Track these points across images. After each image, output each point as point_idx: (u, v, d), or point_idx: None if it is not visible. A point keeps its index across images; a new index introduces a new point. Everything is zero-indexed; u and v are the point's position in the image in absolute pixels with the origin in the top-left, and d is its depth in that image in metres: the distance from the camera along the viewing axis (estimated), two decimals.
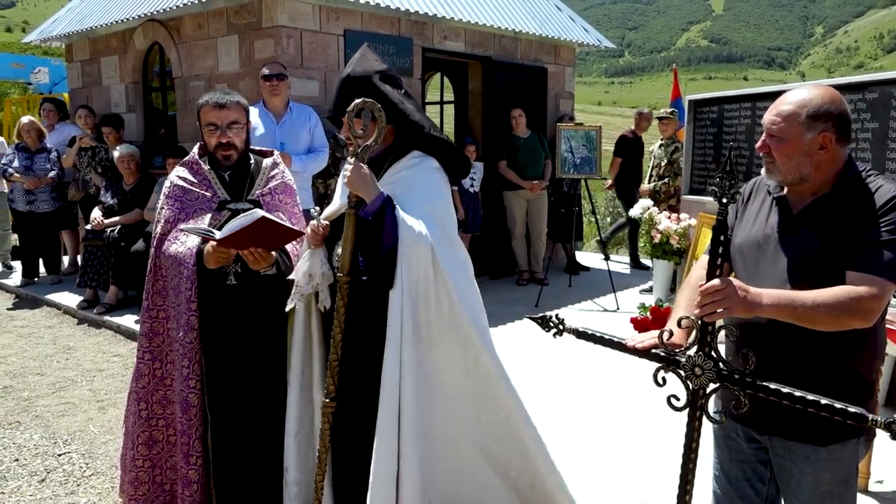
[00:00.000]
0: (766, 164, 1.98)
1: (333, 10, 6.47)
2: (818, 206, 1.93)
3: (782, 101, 1.94)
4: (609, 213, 12.13)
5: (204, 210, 2.77)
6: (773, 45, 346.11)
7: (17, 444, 4.04)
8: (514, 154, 7.62)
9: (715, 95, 6.28)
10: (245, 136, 2.82)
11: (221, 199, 2.78)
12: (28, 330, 6.36)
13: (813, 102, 1.88)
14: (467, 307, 2.48)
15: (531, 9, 8.57)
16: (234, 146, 2.76)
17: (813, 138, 1.88)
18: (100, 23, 7.75)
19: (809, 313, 1.78)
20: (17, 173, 7.44)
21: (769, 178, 2.01)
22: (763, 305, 1.78)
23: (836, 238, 1.88)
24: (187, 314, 2.69)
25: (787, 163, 1.92)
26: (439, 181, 2.56)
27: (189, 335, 2.70)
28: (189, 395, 2.73)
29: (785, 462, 2.02)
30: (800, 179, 1.93)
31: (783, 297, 1.80)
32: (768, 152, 1.95)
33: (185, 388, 2.73)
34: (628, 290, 7.47)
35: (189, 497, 2.78)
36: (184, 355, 2.72)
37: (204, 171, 2.82)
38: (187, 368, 2.71)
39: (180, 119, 7.27)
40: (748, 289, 1.78)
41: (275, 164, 2.93)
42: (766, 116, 1.96)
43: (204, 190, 2.80)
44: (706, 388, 1.81)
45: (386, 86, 2.47)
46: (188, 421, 2.74)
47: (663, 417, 3.98)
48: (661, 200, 7.25)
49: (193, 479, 2.77)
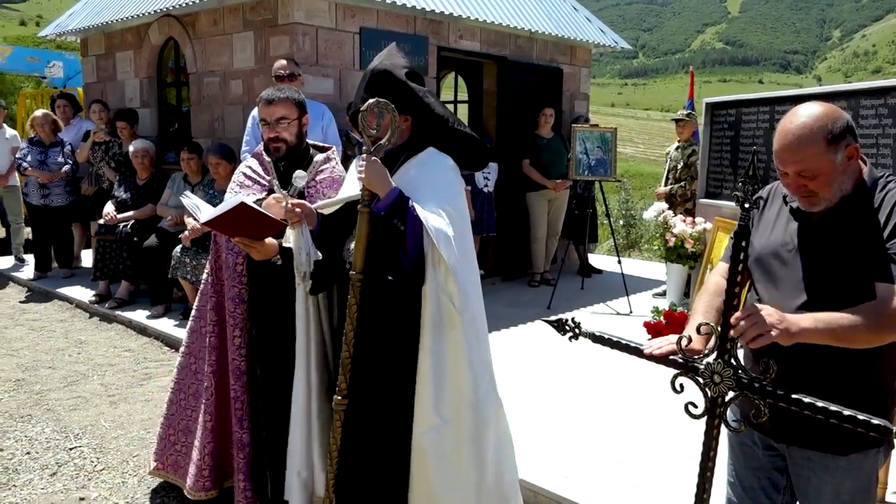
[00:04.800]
0: (804, 200, 1.91)
1: (349, 8, 6.46)
2: (838, 212, 1.90)
3: (794, 142, 1.84)
4: (622, 216, 12.06)
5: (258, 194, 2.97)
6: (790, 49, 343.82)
7: (28, 437, 4.05)
8: (537, 154, 7.60)
9: (732, 98, 6.23)
10: (296, 130, 2.93)
11: (270, 187, 2.93)
12: (40, 323, 6.39)
13: (824, 126, 1.83)
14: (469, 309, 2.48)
15: (547, 9, 8.53)
16: (283, 140, 2.90)
17: (842, 156, 1.85)
18: (115, 17, 7.77)
19: (848, 334, 1.75)
20: (31, 167, 7.48)
21: (812, 208, 1.93)
22: (803, 331, 1.74)
23: (859, 245, 1.84)
24: (238, 287, 2.95)
25: (829, 189, 1.87)
26: (454, 180, 2.59)
27: (239, 307, 2.96)
28: (241, 363, 2.97)
29: (803, 471, 1.99)
30: (842, 196, 1.89)
31: (819, 320, 1.76)
32: (806, 187, 1.88)
33: (238, 357, 2.98)
34: (641, 294, 7.42)
35: (243, 459, 2.99)
36: (234, 325, 2.97)
37: (266, 162, 3.01)
38: (239, 338, 2.97)
39: (194, 115, 7.28)
40: (785, 316, 1.74)
41: (327, 158, 3.04)
42: (783, 163, 1.88)
43: (263, 178, 3.00)
44: (725, 395, 1.78)
45: (409, 80, 2.52)
46: (241, 388, 2.98)
47: (676, 423, 3.95)
48: (678, 204, 7.19)
49: (246, 443, 3.00)
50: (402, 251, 2.39)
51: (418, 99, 2.51)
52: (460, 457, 2.50)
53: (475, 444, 2.52)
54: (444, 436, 2.45)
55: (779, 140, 1.88)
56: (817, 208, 1.92)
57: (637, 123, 71.53)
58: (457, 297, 2.39)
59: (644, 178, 28.34)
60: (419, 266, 2.39)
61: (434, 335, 2.41)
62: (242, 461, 2.98)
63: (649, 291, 7.58)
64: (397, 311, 2.46)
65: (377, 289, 2.45)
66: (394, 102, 2.37)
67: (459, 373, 2.44)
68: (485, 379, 2.53)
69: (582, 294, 7.43)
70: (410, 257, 2.38)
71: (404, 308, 2.44)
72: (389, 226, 2.36)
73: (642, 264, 9.62)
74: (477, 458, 2.53)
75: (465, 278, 2.44)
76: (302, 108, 2.95)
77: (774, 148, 1.90)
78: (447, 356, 2.43)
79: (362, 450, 2.54)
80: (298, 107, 2.93)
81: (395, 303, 2.46)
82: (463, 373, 2.44)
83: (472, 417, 2.49)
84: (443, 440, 2.45)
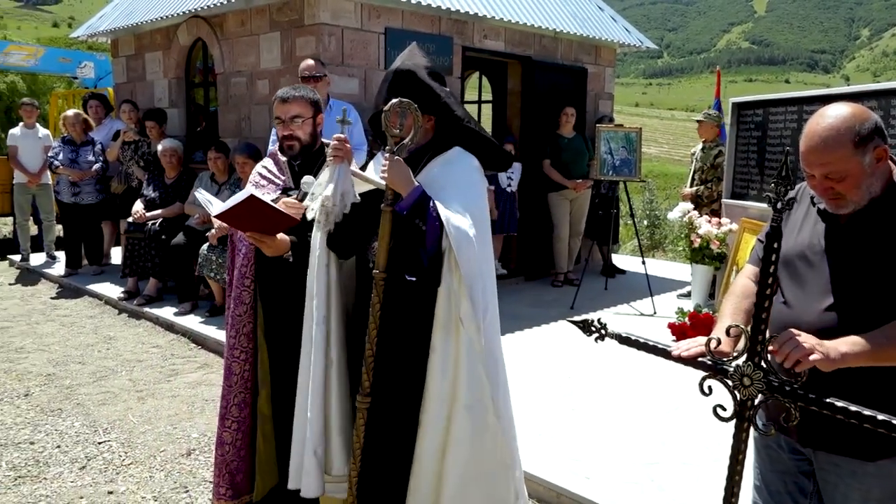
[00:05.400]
0: (831, 202, 1.89)
1: (375, 9, 6.49)
2: (867, 215, 1.87)
3: (820, 144, 1.82)
4: (646, 216, 11.99)
5: (273, 193, 2.96)
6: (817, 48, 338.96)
7: (58, 430, 4.12)
8: (558, 154, 7.59)
9: (759, 98, 6.16)
10: (310, 129, 2.93)
11: (285, 186, 2.94)
12: (70, 319, 6.50)
13: (851, 127, 1.80)
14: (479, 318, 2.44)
15: (572, 9, 8.50)
16: (297, 138, 2.90)
17: (870, 158, 1.83)
18: (145, 19, 7.88)
19: (891, 352, 1.74)
20: (62, 166, 7.61)
21: (839, 211, 1.91)
22: (844, 356, 1.72)
23: (888, 248, 1.82)
24: (240, 289, 2.92)
25: (857, 192, 1.85)
26: (478, 180, 2.58)
27: (239, 308, 2.92)
28: (232, 363, 2.95)
29: (830, 476, 1.97)
30: (870, 198, 1.87)
31: (856, 343, 1.74)
32: (833, 189, 1.87)
33: (230, 357, 2.95)
34: (666, 295, 7.37)
35: (221, 456, 2.97)
36: (232, 325, 2.94)
37: (281, 162, 3.02)
38: (233, 339, 2.94)
39: (222, 114, 7.36)
40: (822, 342, 1.73)
41: None
42: (810, 165, 1.86)
43: (278, 178, 3.00)
44: (755, 398, 1.77)
45: (432, 80, 2.52)
46: (228, 387, 2.96)
47: (701, 425, 3.92)
48: (704, 205, 7.13)
49: (226, 441, 2.96)
50: (422, 250, 2.39)
51: (439, 98, 2.52)
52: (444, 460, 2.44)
53: (463, 449, 2.45)
54: (434, 436, 2.43)
55: (805, 142, 1.87)
56: (844, 210, 1.90)
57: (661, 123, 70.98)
58: (464, 310, 2.37)
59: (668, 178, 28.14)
60: (437, 265, 2.39)
61: (443, 334, 2.41)
62: (220, 458, 2.97)
63: (673, 292, 7.53)
64: (415, 310, 2.46)
65: (397, 288, 2.46)
66: (417, 102, 2.39)
67: (458, 375, 2.42)
68: (478, 390, 2.44)
69: (605, 294, 7.40)
70: (429, 255, 2.39)
71: (421, 307, 2.45)
72: (411, 225, 2.37)
73: (666, 265, 9.55)
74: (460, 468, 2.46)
75: (482, 283, 2.43)
76: (317, 107, 2.96)
77: (801, 150, 1.88)
78: (451, 357, 2.42)
79: (382, 447, 2.55)
80: (313, 106, 2.93)
81: (413, 301, 2.46)
82: (461, 375, 2.41)
83: (464, 422, 2.43)
84: (433, 440, 2.44)
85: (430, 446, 2.44)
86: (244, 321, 2.93)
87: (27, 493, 3.41)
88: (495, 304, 2.58)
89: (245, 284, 2.92)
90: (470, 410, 2.43)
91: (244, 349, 2.94)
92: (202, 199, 2.76)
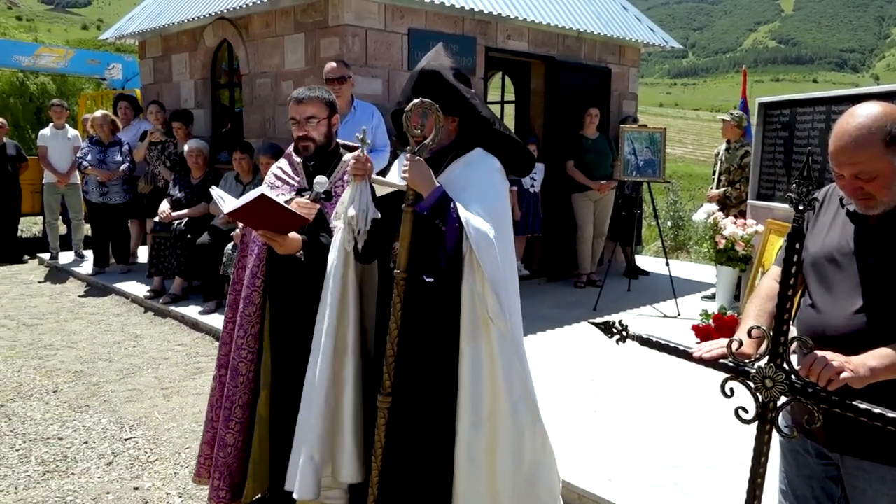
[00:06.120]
0: (861, 203, 1.87)
1: (398, 9, 6.51)
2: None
3: (851, 144, 1.80)
4: (670, 217, 11.89)
5: (287, 194, 2.97)
6: (846, 47, 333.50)
7: (86, 427, 4.19)
8: (581, 155, 7.56)
9: (786, 98, 6.08)
10: (325, 130, 2.93)
11: (299, 187, 2.94)
12: (98, 317, 6.60)
13: (883, 126, 1.78)
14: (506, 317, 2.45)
15: (596, 8, 8.46)
16: (311, 139, 2.90)
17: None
18: (172, 21, 7.98)
19: None
20: (90, 166, 7.74)
21: (869, 211, 1.89)
22: (873, 371, 1.70)
23: None
24: (250, 289, 2.93)
25: (888, 192, 1.82)
26: (499, 181, 2.58)
27: (249, 308, 2.93)
28: (239, 363, 2.95)
29: (858, 482, 1.94)
30: None
31: (885, 357, 1.72)
32: (863, 190, 1.85)
33: (237, 357, 2.95)
34: (689, 297, 7.31)
35: (223, 458, 2.97)
36: (240, 326, 2.94)
37: (295, 162, 3.03)
38: (241, 339, 2.94)
39: (247, 115, 7.43)
40: (849, 359, 1.71)
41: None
42: (840, 165, 1.84)
43: (293, 178, 3.00)
44: (777, 400, 1.75)
45: (457, 81, 2.52)
46: (234, 388, 2.96)
47: (725, 428, 3.88)
48: (732, 206, 7.05)
49: (229, 443, 2.96)
50: (441, 251, 2.40)
51: (465, 100, 2.52)
52: (493, 459, 2.46)
53: (509, 450, 2.48)
54: (477, 438, 2.44)
55: (835, 141, 1.84)
56: (874, 211, 1.87)
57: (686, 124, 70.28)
58: (492, 308, 2.38)
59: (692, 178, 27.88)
60: (456, 265, 2.39)
61: (470, 339, 2.41)
62: (221, 460, 2.95)
63: (697, 294, 7.46)
64: (437, 311, 2.47)
65: (418, 288, 2.46)
66: (441, 103, 2.39)
67: (494, 377, 2.42)
68: (519, 384, 2.49)
69: (628, 296, 7.35)
70: (448, 257, 2.39)
71: (444, 308, 2.45)
72: (431, 226, 2.38)
73: (690, 266, 9.47)
74: (511, 463, 2.50)
75: (505, 284, 2.44)
76: (332, 107, 2.95)
77: (830, 149, 1.86)
78: (483, 360, 2.42)
79: (405, 448, 2.55)
80: (328, 106, 2.93)
81: (434, 302, 2.47)
82: (497, 377, 2.42)
83: (508, 422, 2.45)
84: (476, 442, 2.45)
85: (474, 450, 2.45)
86: (253, 321, 2.94)
87: (55, 487, 3.47)
88: (518, 306, 2.59)
89: (256, 285, 2.93)
90: (516, 406, 2.46)
91: (251, 349, 2.95)
92: (215, 195, 2.79)
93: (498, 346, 2.41)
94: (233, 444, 2.96)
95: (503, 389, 2.44)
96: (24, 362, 5.30)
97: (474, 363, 2.41)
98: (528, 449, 2.53)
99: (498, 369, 2.42)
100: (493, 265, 2.36)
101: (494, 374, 2.43)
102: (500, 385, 2.43)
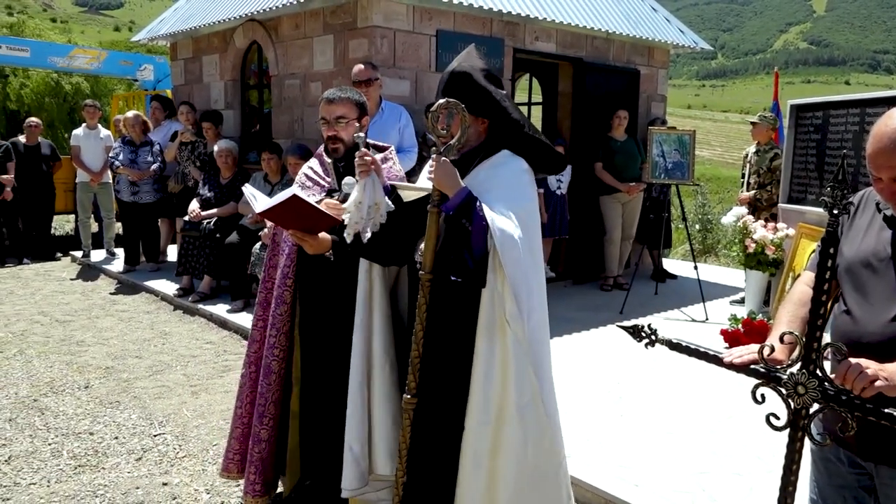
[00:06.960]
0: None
1: (426, 11, 6.53)
2: None
3: (890, 146, 1.76)
4: (698, 220, 11.77)
5: (318, 195, 3.00)
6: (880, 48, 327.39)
7: (116, 422, 4.26)
8: (610, 157, 7.52)
9: (819, 100, 5.99)
10: (354, 131, 2.94)
11: (330, 188, 2.97)
12: (128, 314, 6.70)
13: None
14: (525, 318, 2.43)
15: (625, 9, 8.41)
16: (340, 139, 2.93)
17: None
18: (203, 23, 8.08)
19: None
20: (122, 166, 7.87)
21: None
22: None
23: None
24: (282, 288, 2.98)
25: None
26: (527, 183, 2.56)
27: (280, 307, 2.98)
28: (272, 361, 3.00)
29: (893, 492, 1.90)
30: None
31: None
32: None
33: (270, 356, 3.01)
34: (718, 301, 7.22)
35: (258, 454, 3.03)
36: (272, 325, 2.99)
37: (326, 163, 3.05)
38: (273, 338, 2.99)
39: (275, 116, 7.50)
40: (884, 367, 1.68)
41: (385, 158, 3.03)
42: (878, 168, 1.81)
43: (323, 179, 3.03)
44: (809, 407, 1.73)
45: (488, 83, 2.50)
46: (267, 385, 3.01)
47: (754, 435, 3.83)
48: (763, 209, 6.96)
49: (263, 438, 3.03)
50: (467, 251, 2.39)
51: (496, 102, 2.50)
52: (496, 463, 2.43)
53: (512, 455, 2.44)
54: (483, 438, 2.42)
55: (873, 143, 1.81)
56: None
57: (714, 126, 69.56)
58: (509, 310, 2.35)
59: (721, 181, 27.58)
60: (482, 266, 2.38)
61: (486, 338, 2.40)
62: (256, 455, 3.03)
63: (726, 298, 7.37)
64: (460, 311, 2.46)
65: (443, 288, 2.46)
66: (472, 104, 2.38)
67: (505, 379, 2.40)
68: (529, 390, 2.43)
69: (655, 299, 7.29)
70: (475, 257, 2.38)
71: (466, 308, 2.45)
72: (457, 226, 2.37)
73: (719, 270, 9.36)
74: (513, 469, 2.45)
75: (528, 286, 2.41)
76: (362, 109, 2.97)
77: (868, 152, 1.83)
78: (496, 361, 2.40)
79: (428, 449, 2.55)
80: (359, 107, 2.95)
81: (458, 303, 2.46)
82: (508, 380, 2.39)
83: (513, 426, 2.42)
84: (482, 442, 2.43)
85: (478, 450, 2.43)
86: (284, 320, 2.99)
87: (87, 481, 3.53)
88: (545, 307, 2.57)
89: (287, 284, 2.97)
90: (523, 411, 2.42)
91: (283, 348, 3.01)
92: (247, 193, 2.82)
93: (512, 350, 2.39)
94: (267, 440, 3.04)
95: (512, 393, 2.41)
96: (57, 358, 5.40)
97: (489, 362, 2.40)
98: (531, 457, 2.46)
99: (510, 372, 2.39)
100: (516, 266, 2.34)
101: (505, 377, 2.40)
102: (509, 388, 2.40)
